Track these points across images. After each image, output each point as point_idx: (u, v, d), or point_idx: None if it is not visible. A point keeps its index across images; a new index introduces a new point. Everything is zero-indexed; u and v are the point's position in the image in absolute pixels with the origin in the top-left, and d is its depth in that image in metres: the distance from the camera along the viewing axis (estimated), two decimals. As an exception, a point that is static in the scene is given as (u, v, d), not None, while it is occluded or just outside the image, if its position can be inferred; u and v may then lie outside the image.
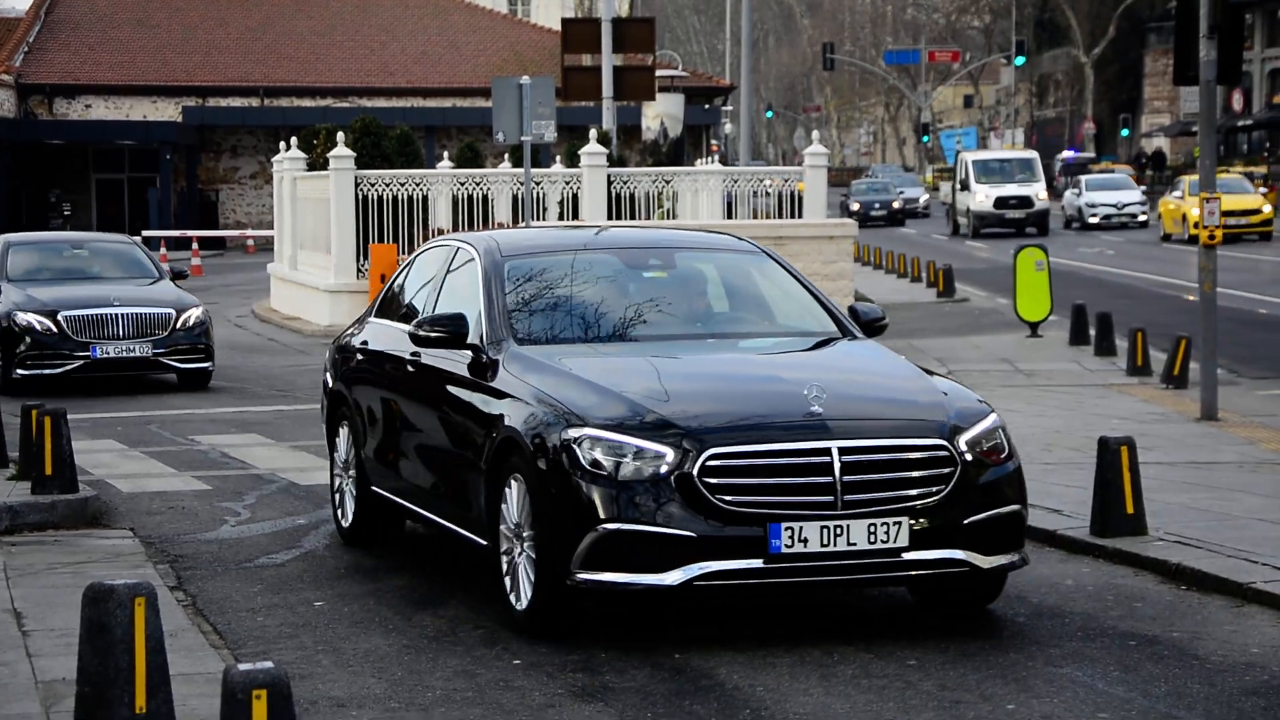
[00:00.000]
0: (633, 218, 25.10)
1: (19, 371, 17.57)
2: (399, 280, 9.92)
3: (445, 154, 33.74)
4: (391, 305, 9.84)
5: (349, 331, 10.30)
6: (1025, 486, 8.00)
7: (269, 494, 11.88)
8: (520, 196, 23.97)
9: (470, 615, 8.32)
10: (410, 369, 8.97)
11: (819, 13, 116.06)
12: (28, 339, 17.56)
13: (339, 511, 10.14)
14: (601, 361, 8.06)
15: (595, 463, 7.34)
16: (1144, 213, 53.88)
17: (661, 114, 44.00)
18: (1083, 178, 57.65)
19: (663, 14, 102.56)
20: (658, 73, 38.37)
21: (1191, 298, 25.05)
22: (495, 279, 8.66)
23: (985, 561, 7.58)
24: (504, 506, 7.78)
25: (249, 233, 51.79)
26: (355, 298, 25.57)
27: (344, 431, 9.96)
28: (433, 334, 8.47)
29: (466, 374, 8.34)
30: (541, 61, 52.12)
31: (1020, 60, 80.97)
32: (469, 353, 8.39)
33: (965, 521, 7.50)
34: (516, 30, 59.41)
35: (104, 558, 9.66)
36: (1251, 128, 70.08)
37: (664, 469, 7.29)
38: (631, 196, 25.64)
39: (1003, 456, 7.79)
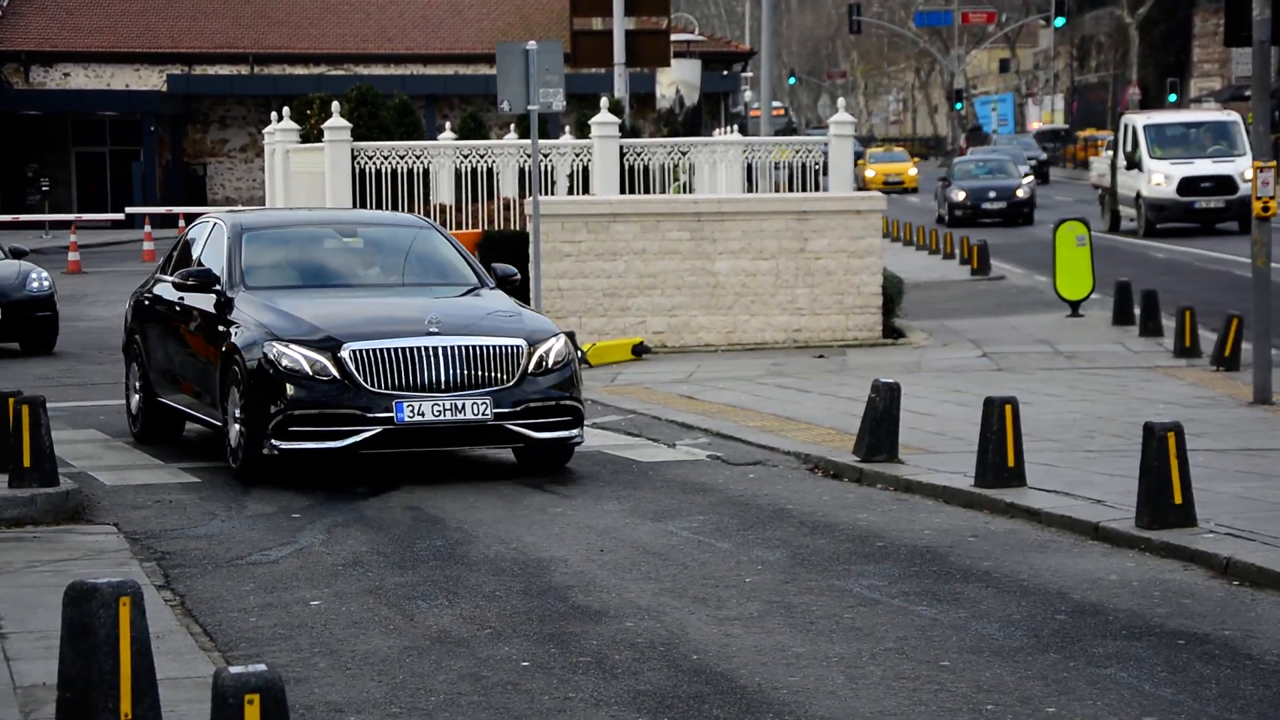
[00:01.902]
0: (647, 191, 25.09)
1: (278, 444, 11.52)
2: None
3: (447, 125, 33.74)
4: None
5: None
6: None
7: (261, 487, 11.90)
8: (527, 169, 23.99)
9: (476, 614, 8.34)
10: None
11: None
12: (291, 389, 11.50)
13: None
14: None
15: None
16: None
17: (677, 81, 43.95)
18: None
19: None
20: (673, 37, 38.31)
21: None
22: None
23: None
24: None
25: (239, 209, 51.82)
26: (352, 278, 25.56)
27: None
28: None
29: None
30: (549, 26, 52.07)
31: (1060, 21, 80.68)
32: None
33: None
34: (522, -8, 59.35)
35: (86, 555, 9.68)
36: (1307, 92, 69.85)
37: None
38: (645, 169, 25.62)
39: None
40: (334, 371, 11.54)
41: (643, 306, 20.01)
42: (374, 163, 25.61)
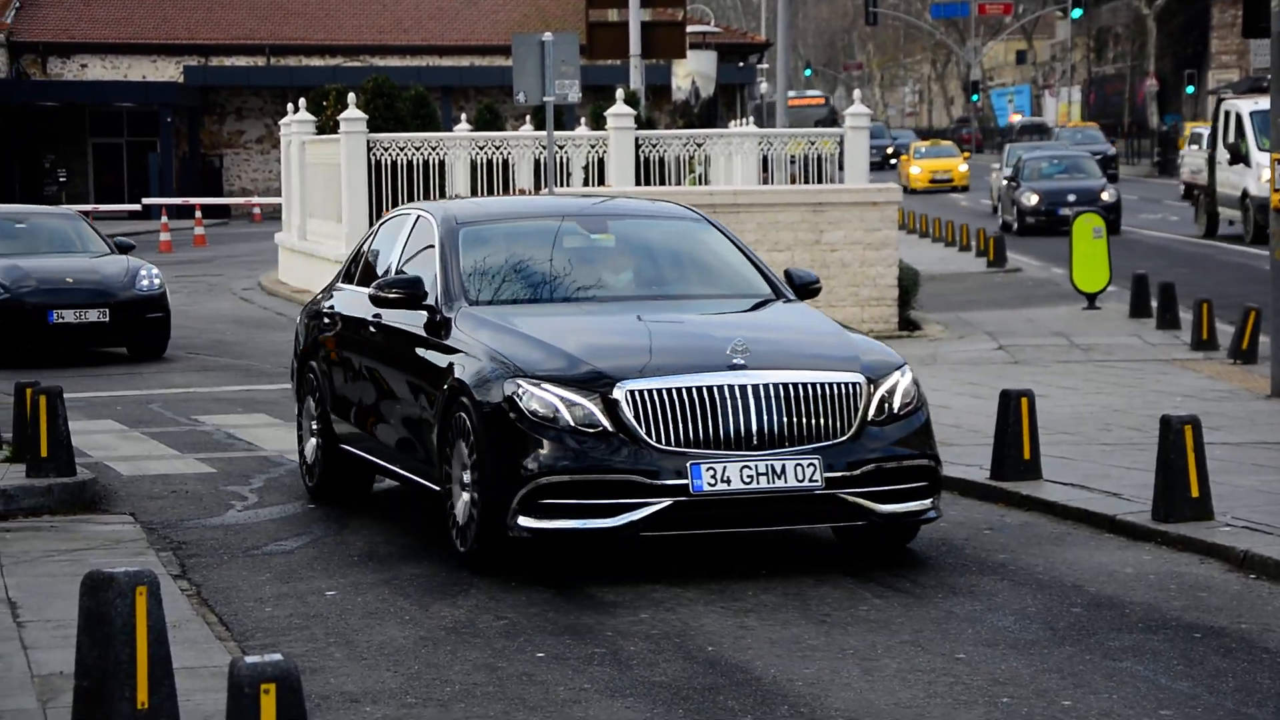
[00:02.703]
0: (662, 183, 25.08)
1: (527, 522, 8.50)
2: None
3: (463, 116, 33.76)
4: None
5: None
6: None
7: (277, 477, 11.93)
8: (543, 161, 23.98)
9: (491, 605, 8.35)
10: None
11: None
12: (546, 447, 8.48)
13: None
14: None
15: None
16: None
17: (692, 73, 43.92)
18: None
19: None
20: (689, 28, 38.29)
21: None
22: None
23: None
24: None
25: (255, 200, 51.92)
26: (368, 269, 25.56)
27: None
28: None
29: None
30: (565, 17, 52.07)
31: (1077, 13, 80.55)
32: None
33: None
34: (538, -17, 59.37)
35: (103, 544, 9.71)
36: (1325, 84, 69.50)
37: None
38: (661, 161, 25.61)
39: None
40: (605, 421, 8.47)
41: (658, 298, 19.99)
42: (390, 154, 25.62)
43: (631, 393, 8.50)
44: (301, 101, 29.43)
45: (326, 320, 11.09)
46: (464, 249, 9.89)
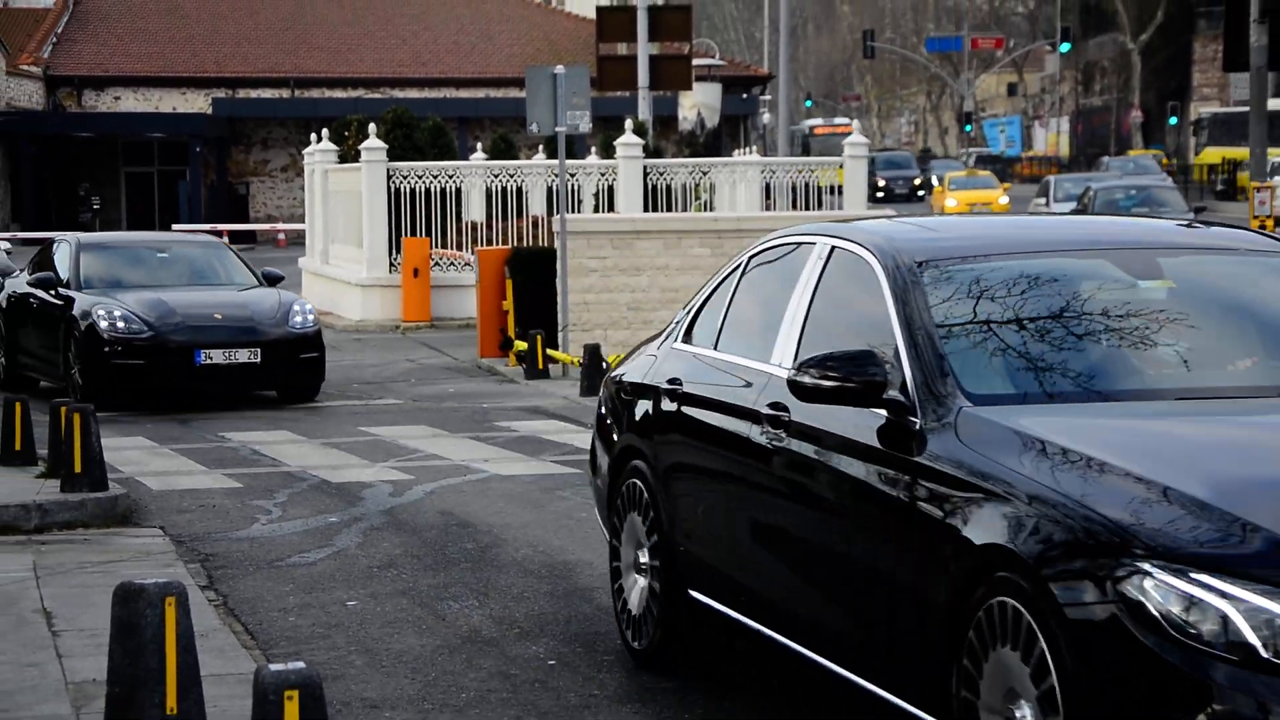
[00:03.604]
0: (669, 210, 25.11)
1: None
2: None
3: (478, 145, 33.82)
4: None
5: None
6: None
7: (300, 492, 11.93)
8: (555, 188, 24.01)
9: (505, 615, 8.34)
10: None
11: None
12: (1215, 694, 4.26)
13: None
14: None
15: None
16: None
17: (698, 104, 44.02)
18: None
19: (700, 1, 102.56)
20: (694, 62, 38.37)
21: None
22: None
23: None
24: None
25: (280, 226, 52.01)
26: (388, 292, 25.66)
27: None
28: None
29: None
30: (576, 51, 52.17)
31: (1065, 47, 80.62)
32: None
33: None
34: (551, 19, 59.49)
35: (134, 556, 9.71)
36: (1304, 115, 69.46)
37: None
38: (668, 188, 25.64)
39: None
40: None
41: (665, 320, 20.00)
42: (409, 182, 25.66)
43: None
44: (324, 132, 29.49)
45: (667, 400, 6.99)
46: (940, 306, 5.68)
